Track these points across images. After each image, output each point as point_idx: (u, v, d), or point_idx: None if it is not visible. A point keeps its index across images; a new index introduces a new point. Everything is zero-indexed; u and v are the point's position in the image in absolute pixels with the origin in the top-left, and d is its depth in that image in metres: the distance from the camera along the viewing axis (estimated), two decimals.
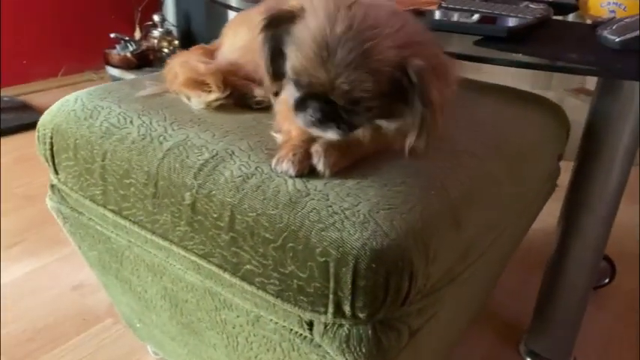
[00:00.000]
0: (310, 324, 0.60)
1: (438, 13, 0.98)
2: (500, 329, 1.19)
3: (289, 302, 0.59)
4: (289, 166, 0.61)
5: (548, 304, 1.07)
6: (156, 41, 2.56)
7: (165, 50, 2.53)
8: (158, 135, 0.70)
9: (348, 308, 0.55)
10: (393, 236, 0.54)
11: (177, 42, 2.58)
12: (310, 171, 0.61)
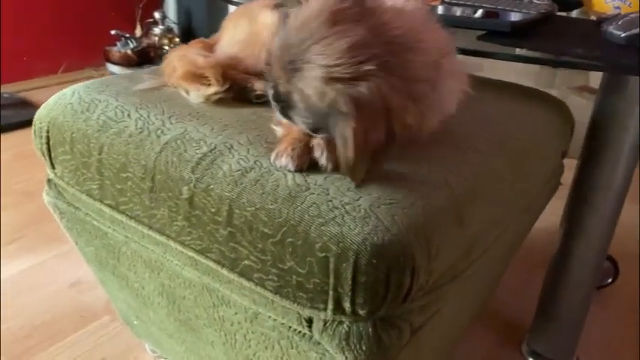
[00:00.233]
0: (309, 321, 0.59)
1: (441, 8, 0.97)
2: (503, 328, 1.18)
3: (288, 299, 0.58)
4: (288, 160, 0.60)
5: (551, 304, 1.05)
6: (157, 38, 2.55)
7: (166, 47, 2.52)
8: (156, 128, 0.69)
9: (348, 305, 0.54)
10: (395, 231, 0.53)
11: (178, 39, 2.57)
12: (310, 165, 0.60)
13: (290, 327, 0.61)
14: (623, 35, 0.84)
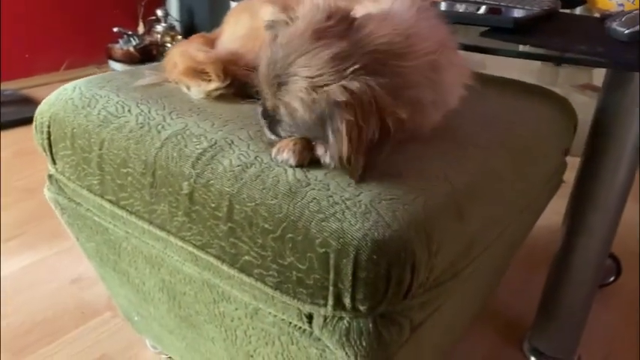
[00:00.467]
0: (309, 317, 0.58)
1: (444, 4, 0.96)
2: (504, 327, 1.17)
3: (288, 294, 0.58)
4: (290, 155, 0.59)
5: (553, 302, 1.05)
6: (159, 36, 2.55)
7: (168, 45, 2.52)
8: (156, 124, 0.69)
9: (348, 301, 0.54)
10: (395, 227, 0.53)
11: (180, 37, 2.57)
12: (310, 161, 0.60)
13: (290, 323, 0.61)
14: (626, 32, 0.84)
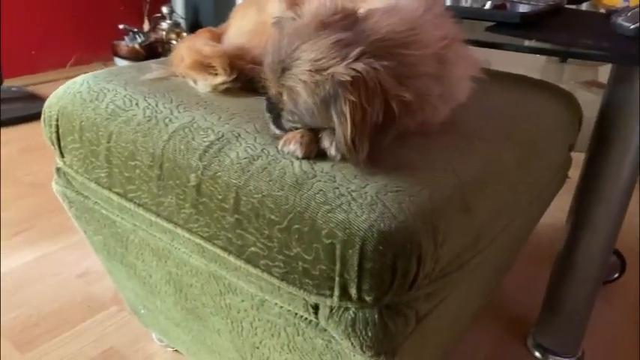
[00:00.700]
0: (315, 307, 0.59)
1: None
2: (508, 322, 1.18)
3: (294, 285, 0.58)
4: (297, 147, 0.60)
5: (557, 298, 1.05)
6: (164, 33, 2.56)
7: (174, 42, 2.53)
8: (164, 117, 0.69)
9: (354, 291, 0.54)
10: (401, 218, 0.53)
11: (185, 34, 2.58)
12: (317, 154, 0.60)
13: (296, 314, 0.62)
14: (632, 27, 0.84)
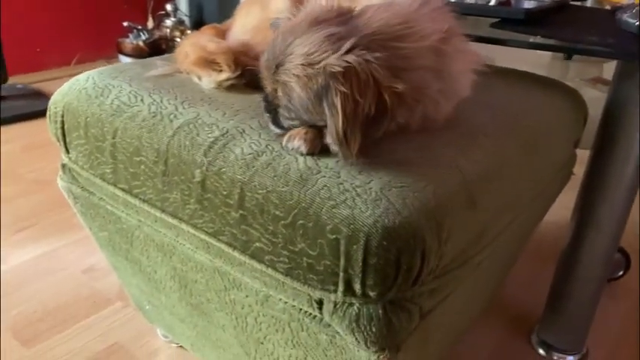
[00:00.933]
0: (320, 303, 0.59)
1: None
2: (512, 320, 1.18)
3: (299, 280, 0.59)
4: (301, 142, 0.60)
5: (562, 296, 1.05)
6: (168, 30, 2.57)
7: (178, 39, 2.54)
8: (168, 113, 0.70)
9: (358, 286, 0.54)
10: (406, 214, 0.53)
11: (189, 31, 2.58)
12: (321, 150, 0.60)
13: (300, 309, 0.62)
14: (637, 23, 0.83)
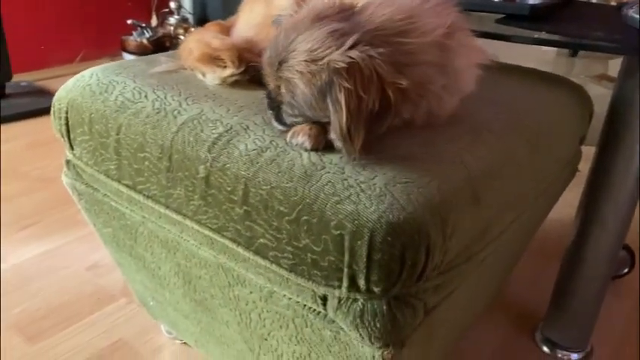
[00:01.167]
0: (324, 299, 0.59)
1: None
2: (517, 317, 1.17)
3: (303, 276, 0.59)
4: (305, 138, 0.60)
5: (566, 294, 1.04)
6: (172, 28, 2.57)
7: (182, 37, 2.54)
8: (172, 109, 0.70)
9: (362, 282, 0.54)
10: (410, 210, 0.53)
11: (193, 29, 2.58)
12: (325, 146, 0.60)
13: (304, 305, 0.62)
14: None
